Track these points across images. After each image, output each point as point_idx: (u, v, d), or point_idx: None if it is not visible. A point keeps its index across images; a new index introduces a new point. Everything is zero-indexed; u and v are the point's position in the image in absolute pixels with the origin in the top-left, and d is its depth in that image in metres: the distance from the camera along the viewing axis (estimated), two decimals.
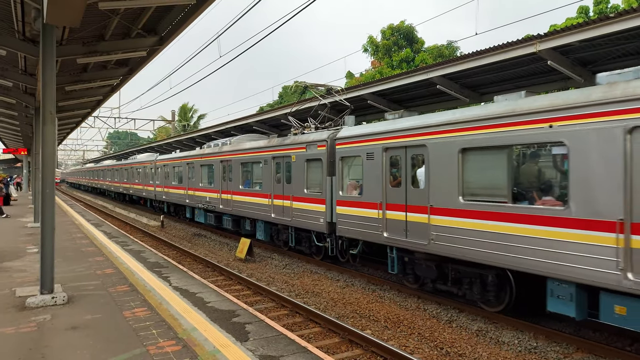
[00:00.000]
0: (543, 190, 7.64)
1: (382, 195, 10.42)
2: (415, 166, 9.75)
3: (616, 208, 6.22)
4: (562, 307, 7.11)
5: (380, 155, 10.48)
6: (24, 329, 5.83)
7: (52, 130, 7.02)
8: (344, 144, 11.76)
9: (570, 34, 9.54)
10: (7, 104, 17.53)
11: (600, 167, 6.42)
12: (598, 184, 6.45)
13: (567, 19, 28.47)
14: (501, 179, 7.93)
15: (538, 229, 7.18)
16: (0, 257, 10.66)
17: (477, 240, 8.18)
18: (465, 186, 8.50)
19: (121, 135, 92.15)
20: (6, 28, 9.64)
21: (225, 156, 18.38)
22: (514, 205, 7.65)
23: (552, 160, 7.58)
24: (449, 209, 8.72)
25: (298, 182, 13.58)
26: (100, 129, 43.79)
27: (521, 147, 7.79)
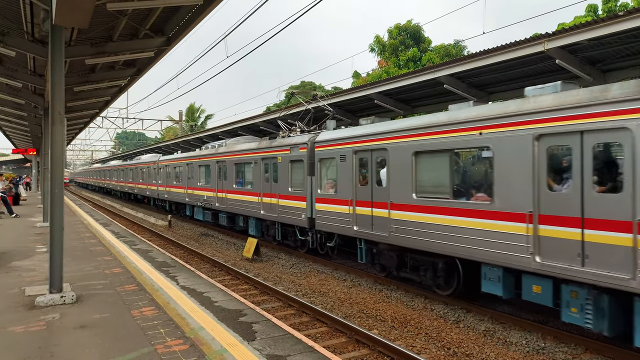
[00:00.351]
0: (476, 187, 8.80)
1: (352, 193, 11.57)
2: (379, 167, 10.83)
3: (527, 202, 7.38)
4: (492, 287, 8.28)
5: (351, 157, 11.65)
6: (33, 328, 5.88)
7: (61, 130, 7.06)
8: (322, 147, 12.93)
9: (579, 33, 9.48)
10: (17, 104, 17.68)
11: (516, 167, 7.56)
12: (514, 181, 7.60)
13: (575, 17, 28.28)
14: (445, 178, 9.16)
15: (473, 221, 8.35)
16: (9, 256, 10.75)
17: (427, 232, 9.33)
18: (418, 184, 9.71)
19: (129, 135, 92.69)
20: (15, 29, 9.73)
21: (220, 157, 19.55)
22: (454, 200, 8.84)
23: (482, 162, 8.72)
24: (405, 204, 9.91)
25: (283, 181, 14.71)
26: (108, 129, 44.10)
27: (459, 151, 9.00)
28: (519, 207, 7.51)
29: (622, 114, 6.16)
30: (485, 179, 8.56)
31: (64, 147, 7.57)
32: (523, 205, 7.44)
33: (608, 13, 24.03)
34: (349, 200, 11.67)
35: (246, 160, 17.26)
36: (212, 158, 20.55)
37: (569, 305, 7.09)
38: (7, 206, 20.43)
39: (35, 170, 42.31)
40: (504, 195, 7.79)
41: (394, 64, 35.92)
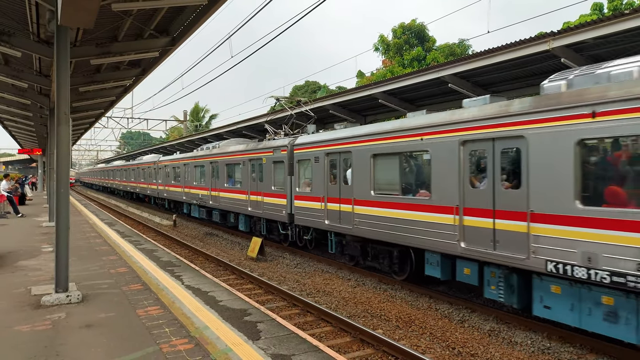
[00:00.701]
0: (419, 185, 10.20)
1: (324, 190, 12.88)
2: (345, 168, 12.09)
3: (455, 197, 8.75)
4: (433, 271, 9.73)
5: (323, 159, 12.94)
6: (39, 327, 5.91)
7: (66, 130, 7.09)
8: (299, 149, 14.22)
9: (584, 31, 9.44)
10: (23, 104, 17.78)
11: (447, 168, 8.93)
12: (446, 180, 8.97)
13: (580, 15, 28.14)
14: (395, 177, 10.56)
15: (417, 214, 9.74)
16: (15, 255, 10.81)
17: (383, 224, 10.67)
18: (375, 182, 11.06)
19: (134, 135, 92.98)
20: (21, 30, 9.78)
21: (213, 158, 20.85)
22: (403, 196, 10.24)
23: (424, 163, 10.12)
24: (365, 200, 11.26)
25: (267, 180, 15.99)
26: (113, 129, 44.21)
27: (406, 153, 10.40)
28: (449, 202, 8.93)
29: (520, 125, 7.57)
30: (426, 177, 9.90)
31: (70, 147, 7.60)
32: (452, 200, 8.85)
33: (614, 11, 23.89)
34: (321, 197, 13.02)
35: (236, 161, 18.55)
36: (206, 159, 21.82)
37: (489, 284, 8.40)
38: (13, 206, 20.55)
39: (41, 170, 42.52)
40: (438, 192, 9.22)
41: (399, 63, 35.87)
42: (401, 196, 10.26)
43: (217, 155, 20.48)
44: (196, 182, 23.17)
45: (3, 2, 8.57)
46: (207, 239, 19.33)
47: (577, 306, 7.02)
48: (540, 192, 7.29)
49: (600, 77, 6.97)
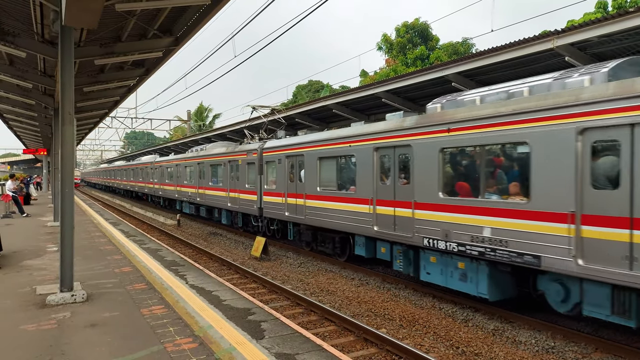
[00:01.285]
0: (349, 182, 12.31)
1: (285, 187, 15.07)
2: (300, 168, 14.29)
3: (370, 191, 11.11)
4: (360, 251, 11.97)
5: (284, 161, 15.21)
6: (44, 326, 5.95)
7: (71, 130, 7.12)
8: (267, 152, 16.46)
9: (588, 30, 9.40)
10: (27, 105, 17.85)
11: (366, 168, 11.22)
12: (365, 177, 11.27)
13: (585, 14, 28.01)
14: (334, 176, 12.90)
15: (348, 205, 11.96)
16: (21, 255, 10.87)
17: (327, 214, 12.90)
18: (321, 180, 13.32)
19: (138, 135, 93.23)
20: (26, 30, 9.82)
21: (200, 159, 23.24)
22: (339, 191, 12.56)
23: (351, 164, 12.19)
24: (314, 195, 13.52)
25: (242, 179, 18.25)
26: (117, 129, 44.40)
27: (341, 157, 12.62)
28: (367, 195, 11.21)
29: (409, 137, 9.90)
30: (353, 176, 12.00)
31: (74, 147, 7.63)
32: (369, 193, 11.13)
33: (618, 9, 23.77)
34: (283, 193, 15.27)
35: (218, 162, 20.87)
36: (194, 160, 24.20)
37: (395, 259, 10.71)
38: (18, 206, 20.64)
39: (45, 170, 42.70)
40: (361, 187, 11.48)
41: (402, 63, 35.83)
42: (338, 191, 12.61)
43: (203, 157, 22.85)
44: (186, 181, 25.35)
45: (7, 2, 8.60)
46: (211, 239, 19.37)
47: (445, 271, 9.41)
48: (420, 186, 9.61)
49: (458, 103, 9.32)
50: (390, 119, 10.94)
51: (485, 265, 8.53)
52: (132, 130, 45.95)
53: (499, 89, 8.80)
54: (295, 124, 22.84)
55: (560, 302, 7.51)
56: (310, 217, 13.64)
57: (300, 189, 14.21)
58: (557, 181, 7.06)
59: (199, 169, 23.21)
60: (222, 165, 20.24)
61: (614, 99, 6.45)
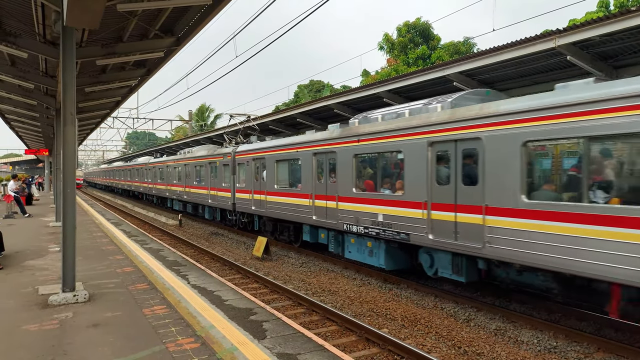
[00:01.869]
0: (297, 180, 14.83)
1: (252, 186, 17.64)
2: (263, 169, 16.93)
3: (310, 187, 13.61)
4: (307, 237, 14.58)
5: (251, 162, 17.84)
6: (46, 326, 5.95)
7: (72, 131, 7.12)
8: (239, 155, 19.09)
9: (590, 29, 9.38)
10: (29, 105, 17.89)
11: (308, 169, 13.75)
12: (308, 177, 13.77)
13: (587, 13, 27.96)
14: (287, 175, 15.68)
15: (296, 200, 14.48)
16: (23, 255, 10.89)
17: (282, 208, 15.38)
18: (277, 179, 15.97)
19: (140, 135, 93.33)
20: (27, 31, 9.84)
21: (186, 161, 25.99)
22: (290, 188, 15.18)
23: (298, 166, 14.64)
24: (271, 192, 16.16)
25: (220, 179, 20.89)
26: (119, 129, 44.39)
27: (291, 160, 15.21)
28: (309, 191, 13.76)
29: (333, 145, 12.57)
30: (299, 175, 14.46)
31: (76, 148, 7.63)
32: (310, 190, 13.65)
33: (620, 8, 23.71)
34: (250, 190, 17.83)
35: (201, 164, 23.58)
36: (181, 162, 26.81)
37: (330, 242, 13.39)
38: (20, 206, 20.67)
39: (47, 171, 42.75)
40: (304, 185, 14.03)
41: (403, 62, 35.78)
42: (290, 188, 15.21)
43: (188, 159, 25.58)
44: (175, 180, 28.05)
45: (9, 3, 8.62)
46: (212, 239, 19.38)
47: (360, 249, 12.07)
48: (342, 183, 12.19)
49: (367, 119, 11.97)
50: (331, 129, 13.24)
51: (382, 243, 11.15)
52: (133, 130, 45.99)
53: (393, 110, 11.42)
54: (296, 124, 22.86)
55: (428, 267, 10.17)
56: (271, 211, 16.22)
57: (262, 187, 16.77)
58: (418, 179, 9.73)
59: (185, 170, 25.83)
60: (204, 166, 22.88)
61: (446, 122, 9.07)
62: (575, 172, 7.19)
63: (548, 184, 7.81)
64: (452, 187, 8.94)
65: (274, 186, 15.84)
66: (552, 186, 7.72)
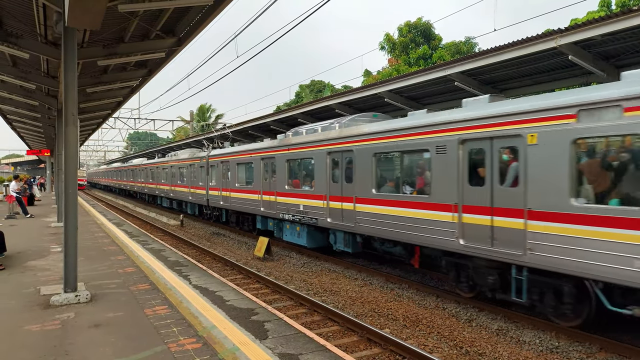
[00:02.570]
0: (251, 180, 17.86)
1: (220, 184, 21.08)
2: (228, 170, 20.21)
3: (260, 186, 16.76)
4: (260, 225, 17.66)
5: (220, 165, 21.35)
6: (48, 327, 5.96)
7: (74, 131, 7.13)
8: (211, 159, 22.65)
9: (592, 28, 9.36)
10: (31, 106, 17.91)
11: (259, 171, 16.97)
12: (258, 176, 17.07)
13: (588, 12, 27.91)
14: (244, 175, 18.77)
15: (251, 196, 17.68)
16: (25, 256, 10.90)
17: (242, 202, 18.69)
18: (238, 178, 19.17)
19: (141, 135, 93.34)
20: (29, 32, 9.85)
21: (172, 163, 29.59)
22: (246, 186, 18.34)
23: (251, 168, 17.90)
24: (234, 189, 19.47)
25: (197, 178, 24.63)
26: (120, 129, 44.56)
27: (247, 163, 18.47)
28: (258, 188, 17.16)
29: (273, 152, 15.81)
30: (254, 176, 17.53)
31: (78, 148, 7.64)
32: (260, 187, 17.02)
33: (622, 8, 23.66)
34: (220, 188, 21.14)
35: (183, 165, 27.34)
36: (167, 164, 30.73)
37: (274, 229, 16.78)
38: (22, 207, 20.71)
39: (49, 171, 42.81)
40: (256, 183, 17.23)
41: (405, 62, 35.76)
42: (246, 186, 18.45)
43: (174, 161, 29.23)
44: (163, 180, 31.79)
45: (11, 4, 8.63)
46: (214, 239, 19.39)
47: (292, 232, 15.34)
48: (280, 182, 15.48)
49: (297, 132, 15.39)
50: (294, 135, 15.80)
51: (304, 226, 14.54)
52: (135, 130, 46.03)
53: (311, 127, 15.03)
54: (297, 124, 22.86)
55: (334, 244, 13.49)
56: (234, 205, 19.67)
57: (228, 185, 20.19)
58: (322, 178, 13.32)
59: (171, 170, 29.57)
60: (186, 168, 26.59)
61: (338, 137, 12.73)
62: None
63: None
64: (340, 184, 12.67)
65: (236, 184, 19.26)
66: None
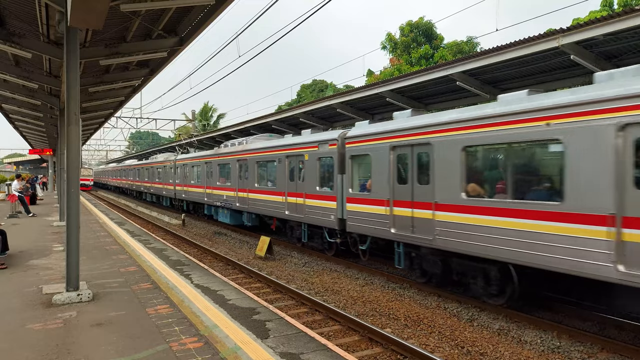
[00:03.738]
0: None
1: (203, 182, 24.27)
2: (200, 171, 24.89)
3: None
4: (206, 211, 24.69)
5: (183, 167, 27.34)
6: (50, 326, 5.98)
7: (76, 130, 7.15)
8: (178, 162, 28.79)
9: (594, 28, 9.34)
10: (33, 105, 17.95)
11: (203, 171, 24.43)
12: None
13: (590, 12, 27.85)
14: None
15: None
16: (27, 255, 10.93)
17: (195, 194, 25.45)
18: (193, 177, 25.71)
19: (143, 135, 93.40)
20: (31, 31, 9.87)
21: (153, 164, 36.04)
22: (197, 182, 25.19)
23: (200, 169, 24.72)
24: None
25: (170, 177, 30.56)
26: (122, 129, 44.46)
27: (195, 165, 25.43)
28: (203, 184, 24.10)
29: (231, 156, 20.67)
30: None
31: (80, 147, 7.66)
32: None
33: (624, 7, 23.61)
34: (202, 186, 24.58)
35: (160, 167, 33.43)
36: (151, 165, 36.69)
37: (215, 214, 23.69)
38: (25, 206, 20.76)
39: (51, 170, 42.87)
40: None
41: (406, 62, 35.74)
42: (197, 182, 24.60)
43: (154, 162, 35.85)
44: (147, 178, 38.21)
45: (13, 4, 8.65)
46: (215, 238, 19.42)
47: (224, 215, 21.73)
48: (214, 179, 22.04)
49: (225, 145, 22.20)
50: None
51: (227, 210, 20.52)
52: (137, 130, 46.09)
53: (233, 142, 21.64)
54: (299, 124, 22.88)
55: (246, 221, 19.43)
56: (190, 196, 25.76)
57: (187, 182, 26.43)
58: (233, 177, 20.17)
59: (158, 170, 34.84)
60: (162, 169, 32.92)
61: (241, 150, 19.52)
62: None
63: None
64: (246, 181, 17.92)
65: (216, 182, 23.04)
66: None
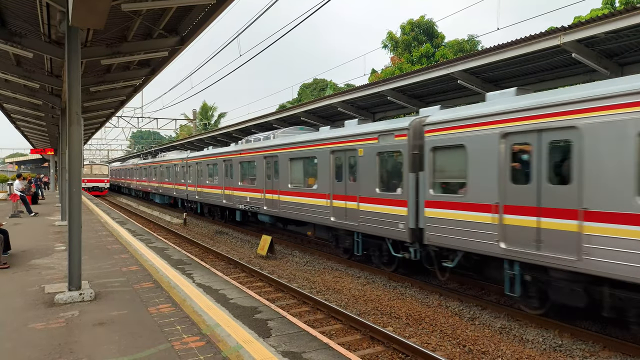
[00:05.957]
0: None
1: (221, 182, 22.61)
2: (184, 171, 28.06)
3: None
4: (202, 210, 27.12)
5: (195, 165, 26.34)
6: (53, 325, 5.99)
7: (78, 130, 7.15)
8: (189, 160, 27.86)
9: (595, 26, 9.32)
10: (34, 105, 17.96)
11: (220, 170, 22.45)
12: (221, 175, 22.31)
13: (592, 10, 27.79)
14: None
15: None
16: (29, 254, 10.95)
17: (210, 195, 23.65)
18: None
19: (144, 134, 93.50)
20: (33, 31, 9.88)
21: (151, 164, 37.69)
22: (209, 183, 23.84)
23: (217, 168, 22.69)
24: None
25: (180, 176, 30.13)
26: (123, 128, 44.56)
27: (210, 164, 23.64)
28: (219, 184, 22.46)
29: (219, 157, 22.60)
30: (217, 174, 22.31)
31: (81, 147, 7.67)
32: (220, 182, 22.20)
33: (626, 5, 23.56)
34: (196, 185, 25.93)
35: (168, 165, 33.27)
36: (149, 164, 38.56)
37: (213, 215, 25.43)
38: (26, 205, 20.79)
39: (53, 170, 42.96)
40: (220, 180, 22.00)
41: (407, 60, 35.69)
42: (213, 182, 23.31)
43: (145, 163, 39.38)
44: (143, 177, 40.77)
45: (14, 3, 8.66)
46: (217, 237, 19.44)
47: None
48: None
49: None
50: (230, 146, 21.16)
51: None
52: (138, 129, 46.17)
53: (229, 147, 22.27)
54: (299, 123, 22.92)
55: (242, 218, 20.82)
56: (202, 197, 24.97)
57: (201, 182, 25.51)
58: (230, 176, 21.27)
59: (157, 170, 36.00)
60: (170, 167, 32.42)
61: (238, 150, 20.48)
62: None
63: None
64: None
65: (206, 181, 23.84)
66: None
